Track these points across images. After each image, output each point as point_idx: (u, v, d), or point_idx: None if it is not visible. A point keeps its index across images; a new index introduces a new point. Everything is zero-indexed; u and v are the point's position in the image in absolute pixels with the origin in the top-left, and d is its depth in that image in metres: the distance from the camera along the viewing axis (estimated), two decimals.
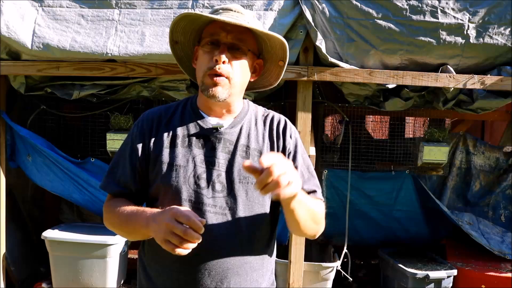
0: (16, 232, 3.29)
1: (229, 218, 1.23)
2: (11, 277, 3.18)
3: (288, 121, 1.38)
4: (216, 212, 1.22)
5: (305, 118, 2.73)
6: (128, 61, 2.68)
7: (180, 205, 1.22)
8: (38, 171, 3.11)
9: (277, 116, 1.37)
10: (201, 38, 1.29)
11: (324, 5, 2.62)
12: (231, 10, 1.27)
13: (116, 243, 2.94)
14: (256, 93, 2.87)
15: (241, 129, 1.30)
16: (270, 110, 1.40)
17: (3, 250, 3.04)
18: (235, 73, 1.25)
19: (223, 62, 1.22)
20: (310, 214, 1.22)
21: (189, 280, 1.23)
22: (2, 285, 3.07)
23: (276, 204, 1.32)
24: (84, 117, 3.28)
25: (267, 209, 1.30)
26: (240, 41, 1.25)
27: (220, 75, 1.22)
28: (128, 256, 3.22)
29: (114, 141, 2.96)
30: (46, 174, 3.10)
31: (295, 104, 2.79)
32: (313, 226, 1.26)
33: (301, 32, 2.65)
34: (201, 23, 1.29)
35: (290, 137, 1.33)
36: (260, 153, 1.29)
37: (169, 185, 1.22)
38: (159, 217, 1.10)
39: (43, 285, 3.15)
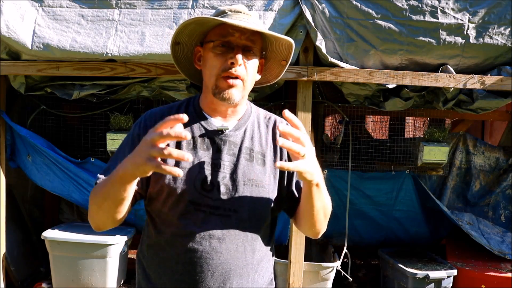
0: (16, 232, 3.30)
1: (233, 220, 1.23)
2: (11, 277, 3.18)
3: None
4: (220, 214, 1.22)
5: (305, 118, 2.73)
6: (128, 61, 2.68)
7: (184, 206, 1.22)
8: (38, 171, 3.11)
9: (279, 119, 1.37)
10: (206, 39, 1.27)
11: (324, 5, 2.62)
12: (240, 12, 1.25)
13: (116, 243, 2.95)
14: (256, 93, 2.87)
15: (245, 132, 1.30)
16: (271, 113, 1.40)
17: (3, 250, 3.04)
18: (249, 75, 1.25)
19: (239, 65, 1.21)
20: (323, 206, 1.24)
21: (191, 281, 1.23)
22: (2, 285, 3.07)
23: (276, 206, 1.32)
24: (84, 117, 3.28)
25: (269, 211, 1.30)
26: (252, 43, 1.24)
27: (236, 77, 1.21)
28: (128, 256, 3.22)
29: (114, 141, 2.96)
30: (46, 174, 3.10)
31: (295, 104, 2.79)
32: (323, 220, 1.28)
33: (301, 32, 2.65)
34: (210, 25, 1.26)
35: None
36: (264, 156, 1.29)
37: (174, 186, 1.21)
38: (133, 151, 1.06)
39: (43, 285, 3.15)
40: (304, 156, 1.06)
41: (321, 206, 1.22)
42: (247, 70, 1.24)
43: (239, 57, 1.20)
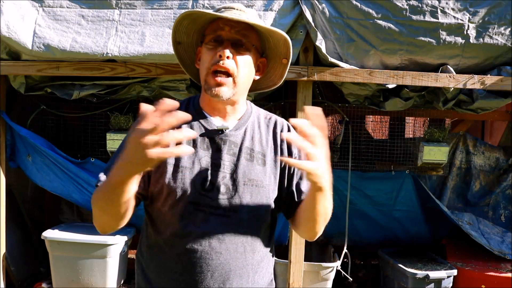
0: (16, 232, 3.29)
1: (233, 220, 1.23)
2: (11, 277, 3.18)
3: (290, 125, 1.38)
4: (220, 214, 1.22)
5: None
6: (128, 61, 2.68)
7: (184, 206, 1.22)
8: (38, 171, 3.11)
9: (280, 120, 1.38)
10: (204, 37, 1.29)
11: (324, 5, 2.62)
12: (234, 9, 1.26)
13: (116, 243, 2.95)
14: (256, 93, 2.87)
15: (245, 132, 1.30)
16: (271, 114, 1.40)
17: (3, 250, 3.04)
18: (240, 70, 1.24)
19: (227, 57, 1.21)
20: (325, 212, 1.22)
21: (191, 281, 1.23)
22: (2, 285, 3.07)
23: (276, 207, 1.32)
24: (84, 117, 3.28)
25: (269, 212, 1.30)
26: (244, 37, 1.24)
27: (225, 71, 1.21)
28: (128, 256, 3.22)
29: (114, 141, 2.96)
30: (46, 174, 3.10)
31: (295, 104, 2.79)
32: (322, 224, 1.26)
33: (301, 32, 2.65)
34: (204, 22, 1.28)
35: None
36: (264, 156, 1.29)
37: (175, 186, 1.21)
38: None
39: (43, 285, 3.15)
40: (313, 156, 1.01)
41: (323, 211, 1.20)
42: (238, 64, 1.23)
43: (226, 50, 1.20)
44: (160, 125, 0.90)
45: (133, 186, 1.06)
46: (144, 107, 0.92)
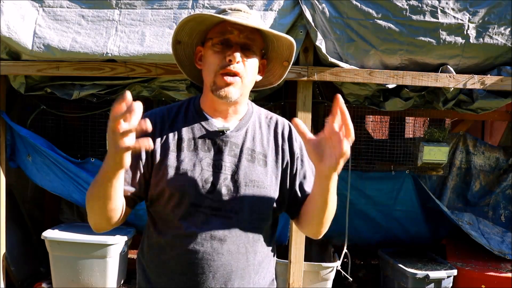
0: (16, 232, 3.29)
1: (234, 221, 1.23)
2: (11, 277, 3.18)
3: (291, 125, 1.37)
4: (221, 215, 1.22)
5: (305, 118, 2.73)
6: (128, 61, 2.68)
7: (186, 208, 1.21)
8: (38, 171, 3.11)
9: (281, 120, 1.37)
10: (207, 38, 1.28)
11: (324, 5, 2.62)
12: (240, 11, 1.26)
13: (116, 243, 2.95)
14: (256, 93, 2.87)
15: (246, 132, 1.29)
16: (272, 113, 1.39)
17: (3, 250, 3.04)
18: (248, 73, 1.24)
19: (237, 62, 1.21)
20: (333, 205, 1.21)
21: (192, 282, 1.23)
22: (2, 285, 3.07)
23: (278, 207, 1.32)
24: (84, 117, 3.28)
25: (270, 212, 1.30)
26: (251, 41, 1.24)
27: (234, 74, 1.21)
28: (128, 256, 3.22)
29: None
30: (46, 174, 3.10)
31: (295, 104, 2.79)
32: (330, 218, 1.25)
33: (301, 32, 2.65)
34: (209, 23, 1.27)
35: (296, 141, 1.34)
36: (265, 156, 1.29)
37: (176, 189, 1.21)
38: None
39: (43, 285, 3.14)
40: (350, 134, 1.09)
41: (333, 202, 1.20)
42: (246, 68, 1.23)
43: (237, 54, 1.20)
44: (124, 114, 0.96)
45: (118, 181, 1.09)
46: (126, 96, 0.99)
